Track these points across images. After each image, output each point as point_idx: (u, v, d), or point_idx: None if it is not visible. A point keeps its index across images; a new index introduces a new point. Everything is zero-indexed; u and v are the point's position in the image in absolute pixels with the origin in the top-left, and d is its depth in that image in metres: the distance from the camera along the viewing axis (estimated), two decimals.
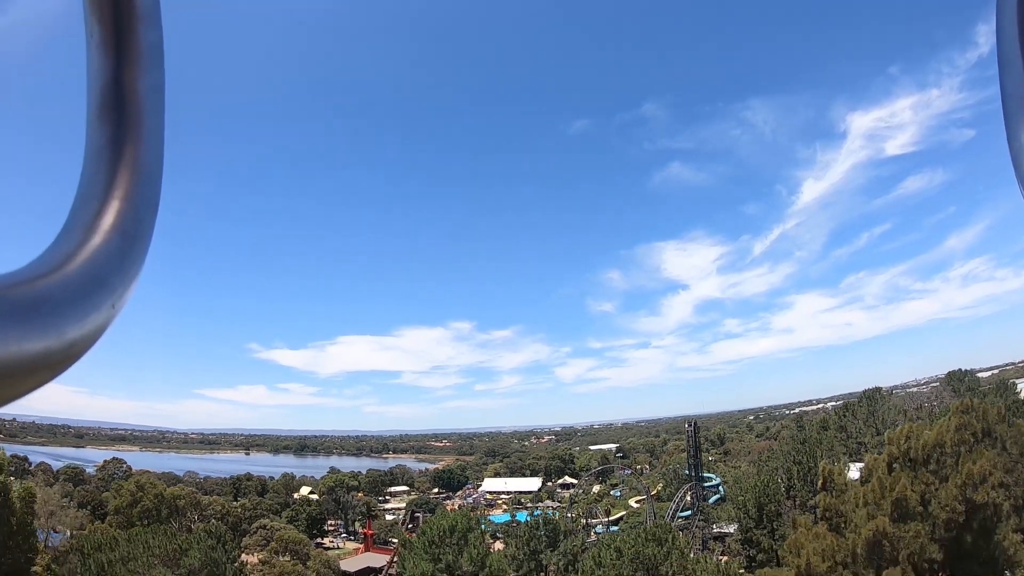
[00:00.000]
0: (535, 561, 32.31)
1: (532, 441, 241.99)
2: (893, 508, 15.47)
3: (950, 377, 68.07)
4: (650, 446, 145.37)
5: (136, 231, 0.63)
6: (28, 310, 0.46)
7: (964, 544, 15.33)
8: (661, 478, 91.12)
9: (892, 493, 15.56)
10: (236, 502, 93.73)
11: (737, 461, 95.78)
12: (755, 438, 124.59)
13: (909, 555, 14.49)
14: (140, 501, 42.63)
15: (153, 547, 27.08)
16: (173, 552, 27.40)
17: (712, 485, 79.00)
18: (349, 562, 63.11)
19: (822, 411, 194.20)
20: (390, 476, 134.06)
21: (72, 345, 0.51)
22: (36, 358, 0.46)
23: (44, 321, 0.47)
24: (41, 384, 0.50)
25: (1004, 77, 0.81)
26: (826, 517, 17.03)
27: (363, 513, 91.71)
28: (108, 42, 0.72)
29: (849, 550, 15.08)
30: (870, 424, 49.68)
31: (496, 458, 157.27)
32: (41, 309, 0.47)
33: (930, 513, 15.61)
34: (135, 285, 0.61)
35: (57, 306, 0.49)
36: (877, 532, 14.74)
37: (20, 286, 0.47)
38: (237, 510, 76.51)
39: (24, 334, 0.45)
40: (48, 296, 0.49)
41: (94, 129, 0.69)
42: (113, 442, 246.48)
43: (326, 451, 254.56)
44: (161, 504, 43.10)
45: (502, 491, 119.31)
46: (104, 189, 0.63)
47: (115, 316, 0.58)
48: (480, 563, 30.07)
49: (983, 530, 15.15)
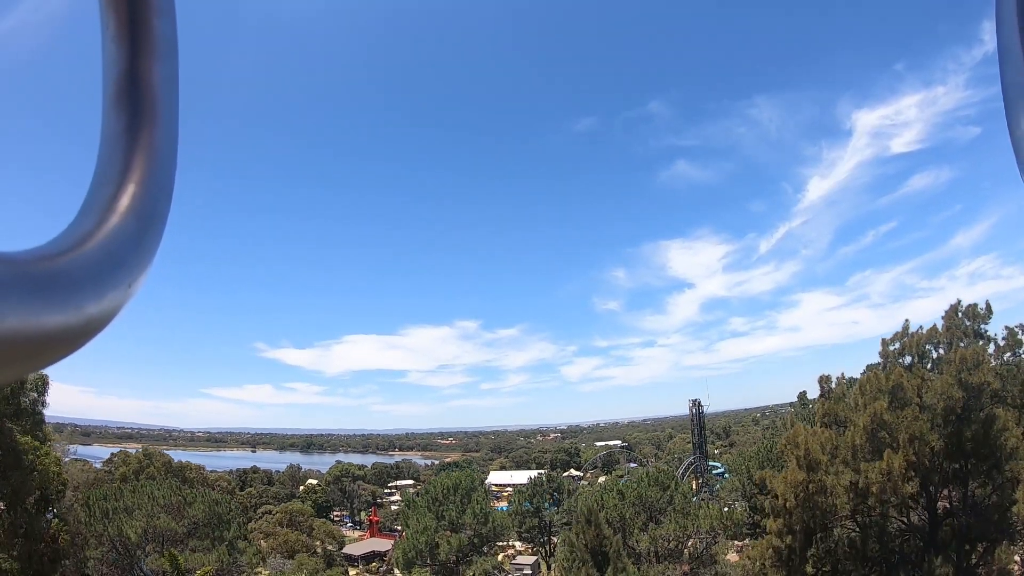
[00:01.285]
0: (538, 518, 32.25)
1: (538, 439, 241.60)
2: (890, 399, 15.45)
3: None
4: (655, 440, 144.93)
5: (151, 214, 0.64)
6: (51, 284, 0.47)
7: (964, 437, 15.24)
8: (666, 466, 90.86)
9: (888, 383, 15.54)
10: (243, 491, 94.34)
11: (742, 451, 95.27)
12: (761, 431, 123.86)
13: (909, 439, 14.42)
14: (147, 468, 42.97)
15: (158, 498, 27.26)
16: (178, 503, 27.58)
17: (717, 473, 78.69)
18: (354, 546, 63.45)
19: None
20: (396, 469, 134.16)
21: (90, 321, 0.52)
22: (57, 331, 0.47)
23: (65, 295, 0.48)
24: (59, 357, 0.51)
25: (1004, 66, 0.80)
26: (825, 423, 16.98)
27: (368, 502, 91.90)
28: (123, 33, 0.73)
29: (849, 445, 15.01)
30: None
31: (502, 454, 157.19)
32: (63, 284, 0.49)
33: (927, 404, 15.59)
34: (150, 268, 0.63)
35: (78, 281, 0.50)
36: (875, 418, 14.68)
37: (43, 261, 0.48)
38: (244, 498, 77.04)
39: (47, 307, 0.46)
40: (69, 272, 0.50)
41: (110, 117, 0.69)
42: (120, 441, 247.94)
43: (332, 449, 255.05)
44: (168, 473, 43.35)
45: (507, 483, 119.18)
46: (120, 173, 0.64)
47: (131, 296, 0.59)
48: (483, 519, 30.09)
49: (982, 420, 15.05)
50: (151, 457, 44.40)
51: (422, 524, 29.15)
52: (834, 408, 17.10)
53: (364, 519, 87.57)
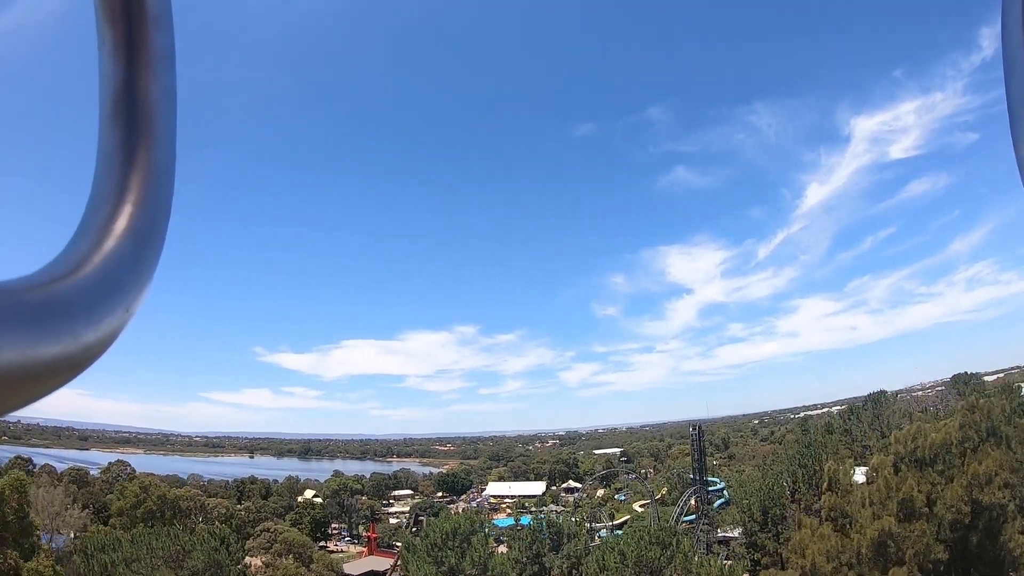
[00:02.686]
0: (538, 564, 32.19)
1: (536, 446, 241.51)
2: (899, 508, 15.29)
3: (955, 380, 67.62)
4: (654, 450, 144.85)
5: (149, 234, 0.63)
6: (45, 313, 0.46)
7: (970, 545, 15.15)
8: (665, 482, 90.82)
9: (898, 493, 15.38)
10: (240, 505, 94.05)
11: (741, 465, 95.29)
12: (759, 442, 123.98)
13: (915, 555, 14.32)
14: (144, 503, 42.72)
15: (156, 548, 27.10)
16: (176, 553, 27.42)
17: (716, 489, 78.65)
18: (352, 565, 63.14)
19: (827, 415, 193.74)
20: (394, 480, 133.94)
21: (87, 349, 0.51)
22: (52, 361, 0.47)
23: (60, 324, 0.48)
24: (55, 388, 0.51)
25: (1010, 81, 0.80)
26: (831, 517, 16.85)
27: (367, 516, 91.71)
28: (120, 47, 0.73)
29: (854, 550, 14.89)
30: (875, 427, 49.38)
31: (500, 462, 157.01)
32: (57, 312, 0.48)
33: (935, 514, 15.45)
34: (148, 289, 0.62)
35: (73, 310, 0.50)
36: (883, 532, 14.55)
37: (37, 289, 0.48)
38: (241, 513, 76.74)
39: (41, 337, 0.45)
40: (64, 299, 0.49)
41: (106, 133, 0.69)
42: (117, 445, 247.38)
43: (330, 455, 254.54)
44: (165, 506, 43.18)
45: (506, 495, 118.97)
46: (116, 192, 0.64)
47: (129, 320, 0.58)
48: (483, 566, 29.97)
49: (989, 531, 14.96)
50: (147, 490, 44.21)
51: (422, 572, 29.05)
52: (840, 503, 16.96)
53: (362, 533, 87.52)
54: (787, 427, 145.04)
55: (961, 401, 55.57)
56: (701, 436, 68.36)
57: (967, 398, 57.84)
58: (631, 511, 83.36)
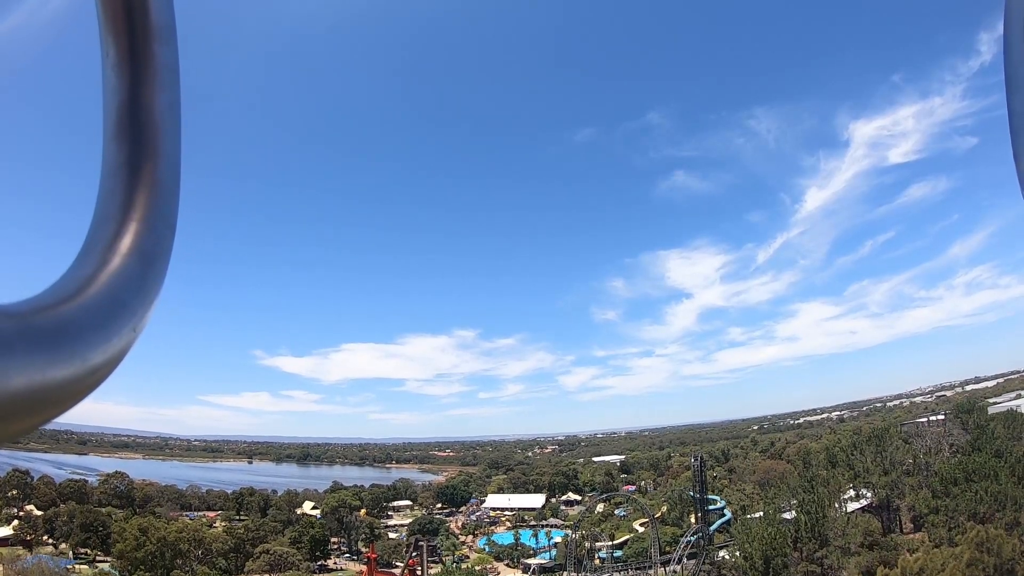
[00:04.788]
0: None
1: (536, 452, 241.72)
2: None
3: (958, 410, 67.24)
4: (654, 460, 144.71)
5: (155, 251, 0.62)
6: (54, 337, 0.46)
7: None
8: (665, 500, 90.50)
9: None
10: (239, 521, 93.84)
11: (742, 483, 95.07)
12: (760, 455, 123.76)
13: None
14: (143, 546, 42.39)
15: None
16: None
17: (717, 508, 78.38)
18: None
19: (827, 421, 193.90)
20: (393, 491, 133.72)
21: (95, 371, 0.51)
22: (62, 385, 0.46)
23: (70, 348, 0.47)
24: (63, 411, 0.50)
25: (1011, 95, 0.79)
26: None
27: (366, 534, 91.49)
28: (124, 61, 0.72)
29: None
30: (878, 463, 49.07)
31: (499, 470, 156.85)
32: (66, 336, 0.47)
33: None
34: (155, 306, 0.61)
35: (81, 333, 0.49)
36: None
37: (45, 312, 0.47)
38: (239, 531, 76.50)
39: (51, 362, 0.45)
40: (72, 322, 0.49)
41: (110, 148, 0.68)
42: (116, 449, 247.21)
43: (329, 460, 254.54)
44: (165, 548, 42.89)
45: (505, 507, 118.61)
46: (121, 209, 0.62)
47: (136, 339, 0.58)
48: None
49: None
50: (146, 532, 43.84)
51: None
52: None
53: (362, 549, 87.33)
54: (787, 438, 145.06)
55: (964, 435, 55.30)
56: (703, 468, 67.72)
57: (971, 433, 57.61)
58: (631, 530, 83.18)
